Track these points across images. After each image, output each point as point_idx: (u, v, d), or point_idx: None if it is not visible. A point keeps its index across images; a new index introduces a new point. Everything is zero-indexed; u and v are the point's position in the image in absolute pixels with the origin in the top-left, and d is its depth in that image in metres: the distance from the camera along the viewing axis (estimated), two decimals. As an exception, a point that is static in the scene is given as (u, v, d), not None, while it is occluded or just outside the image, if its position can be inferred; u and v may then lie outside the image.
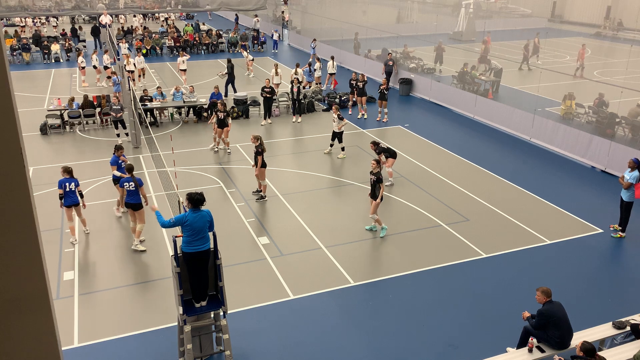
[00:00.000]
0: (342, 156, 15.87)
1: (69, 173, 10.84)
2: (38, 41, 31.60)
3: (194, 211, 7.37)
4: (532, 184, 14.11)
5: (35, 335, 2.09)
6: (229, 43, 34.07)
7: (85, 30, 37.06)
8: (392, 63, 23.36)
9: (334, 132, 15.81)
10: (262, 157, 12.68)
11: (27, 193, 1.93)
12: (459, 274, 10.12)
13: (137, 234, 10.84)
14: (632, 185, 11.12)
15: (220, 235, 11.34)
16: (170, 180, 13.81)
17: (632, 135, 16.00)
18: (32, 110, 20.29)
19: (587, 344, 6.62)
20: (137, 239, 10.86)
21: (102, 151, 16.33)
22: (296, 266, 10.38)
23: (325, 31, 32.20)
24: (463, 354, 8.07)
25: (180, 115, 19.91)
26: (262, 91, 18.89)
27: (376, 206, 11.17)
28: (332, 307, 9.15)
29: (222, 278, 7.52)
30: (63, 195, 10.79)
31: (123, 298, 9.42)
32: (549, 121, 17.00)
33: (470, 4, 35.43)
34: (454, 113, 20.72)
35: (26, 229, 1.96)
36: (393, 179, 14.03)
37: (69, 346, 8.16)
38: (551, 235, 11.53)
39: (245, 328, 8.55)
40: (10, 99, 1.84)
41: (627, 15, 36.11)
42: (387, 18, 37.72)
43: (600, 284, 9.91)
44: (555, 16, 43.01)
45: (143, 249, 10.87)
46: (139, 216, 10.76)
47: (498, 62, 23.61)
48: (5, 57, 1.83)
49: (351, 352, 8.10)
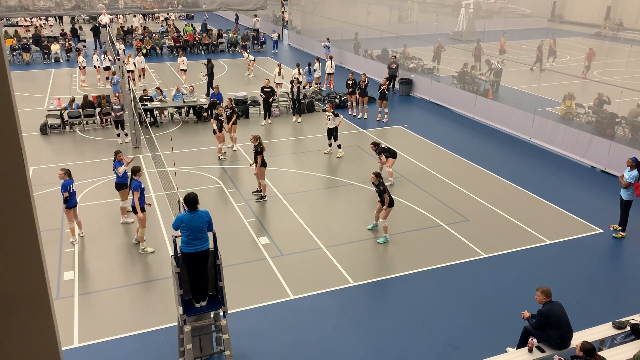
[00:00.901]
0: (340, 154, 15.92)
1: (69, 175, 10.85)
2: (38, 41, 31.60)
3: (191, 212, 7.39)
4: (532, 184, 14.11)
5: (35, 335, 2.09)
6: (229, 43, 34.07)
7: (85, 30, 37.05)
8: (395, 66, 23.15)
9: (329, 130, 15.90)
10: (261, 156, 12.69)
11: (27, 193, 1.93)
12: (459, 274, 10.12)
13: (140, 238, 10.85)
14: (630, 185, 11.13)
15: (220, 235, 11.35)
16: (170, 180, 13.81)
17: (632, 135, 16.00)
18: (32, 110, 20.29)
19: (587, 344, 6.62)
20: (142, 243, 10.87)
21: (102, 151, 16.33)
22: (296, 266, 10.38)
23: (326, 31, 32.19)
24: (463, 354, 8.07)
25: (180, 116, 19.91)
26: (262, 91, 18.90)
27: (387, 213, 11.06)
28: (332, 307, 9.15)
29: (222, 278, 7.52)
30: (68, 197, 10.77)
31: (123, 298, 9.42)
32: (549, 121, 17.00)
33: (470, 4, 35.41)
34: (454, 113, 20.72)
35: (26, 229, 1.96)
36: (393, 179, 14.04)
37: (69, 346, 8.17)
38: (551, 235, 11.53)
39: (245, 328, 8.55)
40: (10, 99, 1.84)
41: (627, 15, 36.10)
42: (387, 18, 37.70)
43: (600, 284, 9.91)
44: (555, 16, 42.99)
45: (151, 250, 10.86)
46: (139, 221, 10.74)
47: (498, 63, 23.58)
48: (5, 57, 1.83)
49: (351, 352, 8.10)
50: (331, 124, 15.75)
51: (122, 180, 11.57)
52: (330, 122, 15.75)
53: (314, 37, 32.95)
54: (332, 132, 15.89)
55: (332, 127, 15.81)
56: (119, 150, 11.98)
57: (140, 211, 10.52)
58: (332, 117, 15.62)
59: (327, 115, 15.76)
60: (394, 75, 23.21)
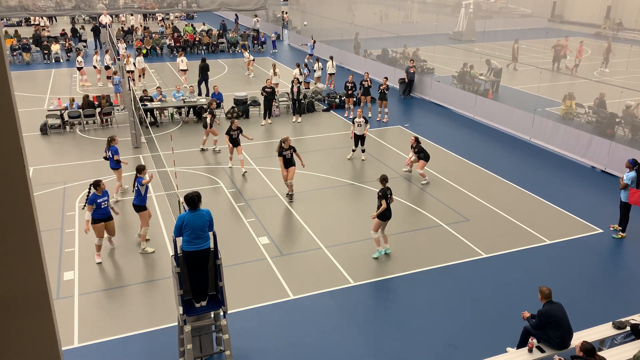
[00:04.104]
0: (364, 158, 15.72)
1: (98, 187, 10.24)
2: (38, 41, 31.60)
3: (192, 211, 7.39)
4: (532, 184, 14.11)
5: (35, 335, 2.09)
6: (229, 43, 34.07)
7: (86, 29, 37.02)
8: (413, 70, 22.62)
9: (356, 136, 15.36)
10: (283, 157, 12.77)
11: (27, 193, 1.93)
12: (459, 274, 10.12)
13: (142, 237, 10.84)
14: (628, 187, 11.13)
15: (220, 235, 11.34)
16: (170, 180, 13.81)
17: (632, 135, 16.00)
18: (32, 110, 20.29)
19: (587, 344, 6.62)
20: (143, 242, 10.85)
21: (102, 151, 16.27)
22: (296, 266, 10.38)
23: (326, 31, 32.20)
24: (463, 354, 8.07)
25: (180, 116, 19.91)
26: (263, 91, 18.90)
27: (376, 224, 10.38)
28: (332, 307, 9.15)
29: (222, 278, 7.52)
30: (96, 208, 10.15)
31: (123, 298, 9.42)
32: (549, 121, 17.00)
33: (470, 4, 35.43)
34: (454, 113, 20.71)
35: (26, 229, 1.96)
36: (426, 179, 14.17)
37: (69, 346, 8.17)
38: (551, 235, 11.53)
39: (245, 328, 8.55)
40: (10, 99, 1.84)
41: (627, 15, 36.10)
42: (387, 18, 37.69)
43: (600, 284, 9.91)
44: (555, 16, 42.99)
45: (152, 250, 10.85)
46: (142, 219, 10.74)
47: (498, 62, 23.58)
48: (6, 57, 1.84)
49: (351, 352, 8.10)
50: (360, 130, 15.22)
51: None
52: (359, 129, 15.21)
53: (314, 37, 32.92)
54: (361, 139, 15.39)
55: (360, 134, 15.27)
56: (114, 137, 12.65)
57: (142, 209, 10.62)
58: (362, 123, 15.08)
59: (358, 121, 15.10)
60: (412, 80, 22.78)
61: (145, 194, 10.68)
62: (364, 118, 15.12)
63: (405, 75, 22.80)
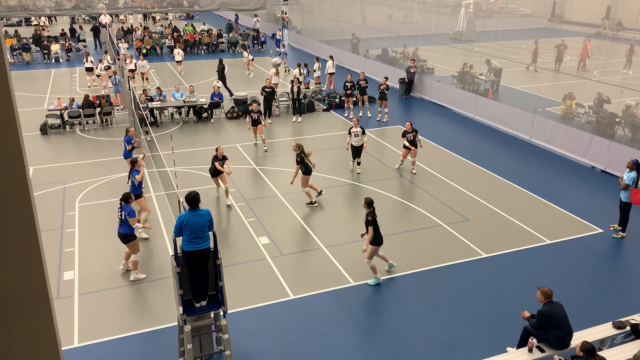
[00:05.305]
0: (359, 171, 14.71)
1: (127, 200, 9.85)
2: (38, 41, 31.59)
3: (192, 210, 7.40)
4: (532, 183, 14.11)
5: (35, 335, 2.09)
6: (229, 43, 34.07)
7: (86, 29, 37.00)
8: (414, 70, 22.55)
9: (354, 148, 14.36)
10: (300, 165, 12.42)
11: (27, 193, 1.93)
12: (459, 274, 10.12)
13: (142, 221, 11.00)
14: (629, 187, 11.13)
15: (220, 235, 11.37)
16: (170, 180, 13.81)
17: (632, 135, 16.00)
18: (32, 110, 20.29)
19: (587, 344, 6.62)
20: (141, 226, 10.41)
21: (102, 151, 16.32)
22: (296, 266, 10.38)
23: (326, 31, 32.19)
24: (463, 353, 8.07)
25: (180, 115, 19.92)
26: (263, 90, 18.90)
27: (371, 251, 9.52)
28: (332, 307, 9.15)
29: (222, 278, 7.52)
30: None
31: (123, 298, 9.42)
32: (549, 121, 17.00)
33: (470, 4, 35.43)
34: (454, 113, 20.71)
35: (26, 229, 1.96)
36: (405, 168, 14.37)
37: (69, 346, 8.17)
38: (551, 235, 11.52)
39: (245, 328, 8.55)
40: (10, 99, 1.84)
41: (627, 15, 36.10)
42: (387, 18, 37.68)
43: (600, 284, 9.92)
44: (555, 16, 42.99)
45: (146, 237, 11.06)
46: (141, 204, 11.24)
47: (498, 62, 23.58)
48: (6, 57, 1.83)
49: (351, 352, 8.10)
50: (357, 141, 14.25)
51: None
52: (356, 139, 14.22)
53: (314, 37, 32.95)
54: (358, 150, 14.40)
55: (358, 145, 14.32)
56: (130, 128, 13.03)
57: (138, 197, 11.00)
58: (359, 133, 14.13)
59: (355, 132, 14.14)
60: (412, 80, 22.72)
61: (140, 184, 11.26)
62: (362, 128, 14.23)
63: (406, 75, 22.77)
